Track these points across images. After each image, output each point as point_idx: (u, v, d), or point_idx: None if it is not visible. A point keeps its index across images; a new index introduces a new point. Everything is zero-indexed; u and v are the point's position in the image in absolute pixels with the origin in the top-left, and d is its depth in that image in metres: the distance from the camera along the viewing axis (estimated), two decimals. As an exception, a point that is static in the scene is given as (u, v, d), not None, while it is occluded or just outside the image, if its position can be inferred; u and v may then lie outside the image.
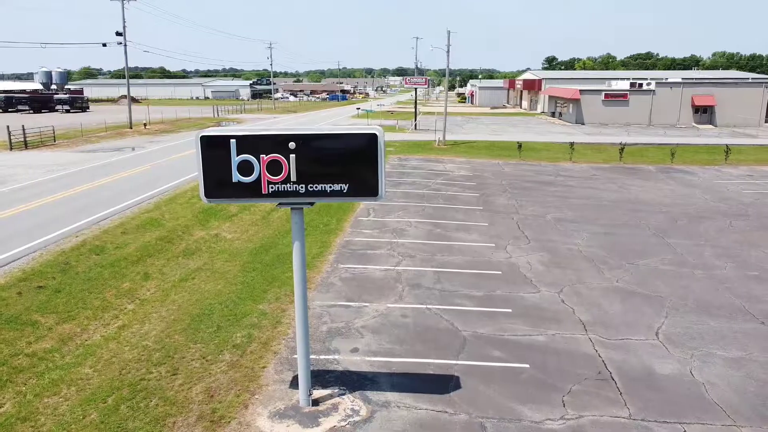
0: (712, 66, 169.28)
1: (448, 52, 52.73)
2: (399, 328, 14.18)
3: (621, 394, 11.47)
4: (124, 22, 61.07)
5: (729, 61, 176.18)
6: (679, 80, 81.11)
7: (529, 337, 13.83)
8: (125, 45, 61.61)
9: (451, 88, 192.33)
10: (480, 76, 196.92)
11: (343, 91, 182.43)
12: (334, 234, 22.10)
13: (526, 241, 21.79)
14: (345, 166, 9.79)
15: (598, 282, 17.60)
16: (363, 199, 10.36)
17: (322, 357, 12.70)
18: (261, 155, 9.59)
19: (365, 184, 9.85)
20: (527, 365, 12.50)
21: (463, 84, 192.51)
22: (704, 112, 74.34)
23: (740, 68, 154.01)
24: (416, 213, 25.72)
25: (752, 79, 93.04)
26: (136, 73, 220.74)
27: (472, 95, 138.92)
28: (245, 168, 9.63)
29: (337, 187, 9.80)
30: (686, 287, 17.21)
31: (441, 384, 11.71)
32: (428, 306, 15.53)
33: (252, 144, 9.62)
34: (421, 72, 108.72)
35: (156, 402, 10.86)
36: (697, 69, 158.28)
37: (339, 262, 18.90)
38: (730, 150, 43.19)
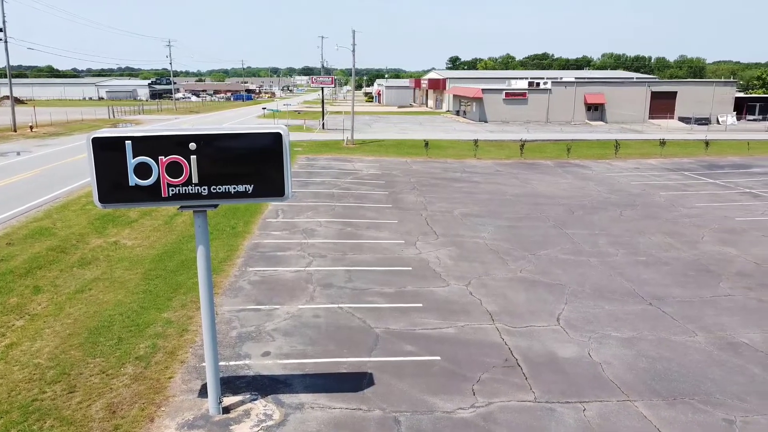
0: (602, 66, 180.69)
1: (353, 51, 52.93)
2: (311, 329, 14.07)
3: (527, 379, 11.98)
4: (4, 16, 56.58)
5: (617, 61, 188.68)
6: (573, 80, 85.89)
7: (439, 330, 14.14)
8: (6, 41, 57.09)
9: (358, 87, 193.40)
10: (386, 76, 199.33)
11: (248, 91, 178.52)
12: (241, 237, 21.58)
13: (435, 236, 22.28)
14: (249, 166, 9.57)
15: (503, 273, 18.29)
16: (269, 199, 10.17)
17: (232, 363, 12.36)
18: (159, 157, 9.18)
19: (271, 185, 9.68)
20: (438, 357, 12.77)
21: (370, 83, 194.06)
22: (596, 110, 79.14)
23: (626, 68, 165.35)
24: (326, 213, 25.63)
25: (637, 78, 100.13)
26: (21, 72, 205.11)
27: (379, 94, 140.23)
28: (143, 171, 9.18)
29: (241, 188, 9.57)
30: (583, 274, 18.25)
31: (355, 382, 11.73)
32: (340, 305, 15.51)
33: (149, 145, 9.19)
34: (327, 71, 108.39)
35: (51, 423, 10.14)
36: (589, 69, 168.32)
37: (248, 266, 18.48)
38: (619, 145, 46.25)
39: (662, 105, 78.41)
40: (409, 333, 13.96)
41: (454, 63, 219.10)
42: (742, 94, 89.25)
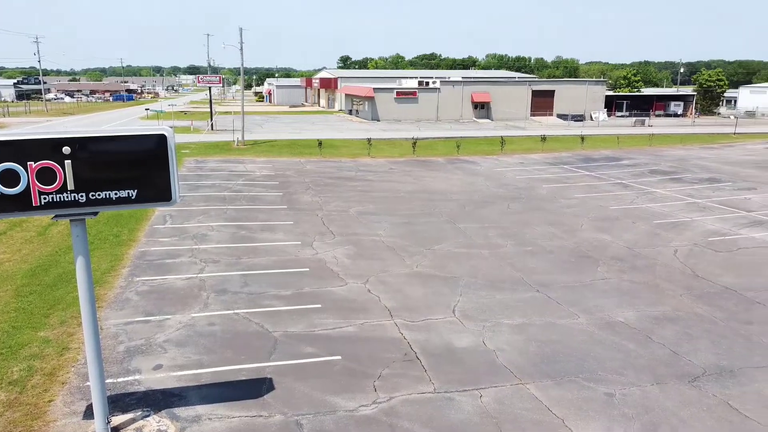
0: (487, 66, 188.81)
1: (241, 49, 51.63)
2: (206, 338, 13.55)
3: (426, 371, 12.26)
4: None
5: (500, 62, 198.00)
6: (460, 79, 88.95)
7: (339, 330, 14.12)
8: None
9: (248, 86, 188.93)
10: (277, 75, 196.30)
11: (129, 91, 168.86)
12: (126, 245, 20.39)
13: (332, 236, 22.24)
14: (132, 170, 9.03)
15: (400, 269, 18.59)
16: (155, 204, 9.65)
17: (120, 379, 11.63)
18: (29, 163, 8.42)
19: (156, 189, 9.18)
20: (339, 357, 12.75)
21: (260, 83, 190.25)
22: (482, 108, 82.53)
23: (509, 68, 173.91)
24: (218, 216, 24.81)
25: (519, 78, 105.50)
26: None
27: (270, 94, 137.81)
28: (9, 178, 8.38)
29: (124, 193, 9.00)
30: (476, 266, 18.96)
31: (254, 388, 11.44)
32: (236, 311, 15.06)
33: (16, 150, 8.41)
34: (215, 70, 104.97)
35: None
36: (475, 69, 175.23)
37: (134, 275, 17.48)
38: (505, 141, 48.54)
39: (542, 103, 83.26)
40: (309, 334, 13.83)
41: (345, 62, 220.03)
42: (611, 93, 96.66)
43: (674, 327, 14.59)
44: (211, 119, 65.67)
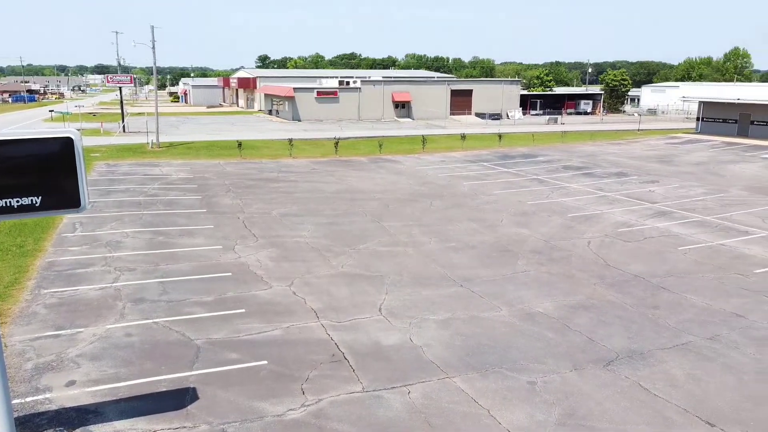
0: (406, 66, 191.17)
1: (153, 47, 49.64)
2: (123, 350, 12.93)
3: (354, 370, 12.24)
4: None
5: (419, 61, 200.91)
6: (381, 79, 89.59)
7: (265, 334, 13.85)
8: None
9: (162, 86, 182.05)
10: (193, 75, 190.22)
11: (31, 92, 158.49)
12: (32, 256, 19.13)
13: (254, 239, 21.80)
14: (35, 176, 8.44)
15: (325, 270, 18.48)
16: (63, 212, 9.08)
17: (29, 399, 10.89)
18: None
19: (63, 195, 8.64)
20: (265, 361, 12.51)
21: (175, 82, 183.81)
22: (403, 107, 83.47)
23: (428, 68, 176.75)
24: (133, 222, 23.75)
25: (438, 77, 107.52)
26: None
27: (185, 94, 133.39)
28: None
29: (27, 201, 8.41)
30: (401, 264, 19.13)
31: (177, 399, 11.02)
32: (155, 320, 14.46)
33: None
34: (125, 69, 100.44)
35: None
36: (394, 68, 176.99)
37: (42, 287, 16.43)
38: (426, 140, 49.30)
39: (461, 102, 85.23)
40: (233, 340, 13.48)
41: (264, 62, 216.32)
42: (525, 92, 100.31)
43: (589, 314, 15.30)
44: (123, 121, 62.78)
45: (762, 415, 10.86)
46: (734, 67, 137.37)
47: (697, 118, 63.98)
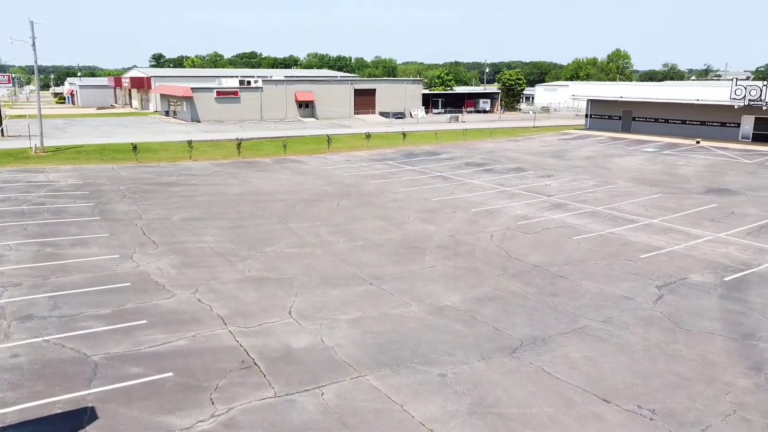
0: (309, 65, 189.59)
1: (33, 45, 46.10)
2: (10, 372, 11.90)
3: (265, 376, 11.97)
4: None
5: (321, 61, 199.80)
6: (283, 78, 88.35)
7: (169, 345, 13.24)
8: None
9: (46, 87, 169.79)
10: (80, 74, 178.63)
11: None
12: None
13: (154, 246, 20.80)
14: None
15: (231, 275, 17.95)
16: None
17: None
18: None
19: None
20: (171, 373, 11.96)
21: (60, 82, 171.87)
22: (307, 107, 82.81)
23: (331, 67, 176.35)
24: (16, 234, 21.95)
25: (341, 77, 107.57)
26: None
27: (72, 95, 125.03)
28: None
29: None
30: (310, 265, 18.94)
31: (74, 421, 10.28)
32: (46, 338, 13.43)
33: None
34: (2, 68, 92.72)
35: None
36: (297, 68, 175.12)
37: None
38: (331, 139, 49.18)
39: (365, 101, 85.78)
40: (134, 354, 12.78)
41: (159, 61, 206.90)
42: (427, 91, 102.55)
43: (494, 305, 15.86)
44: (1, 124, 57.87)
45: (651, 388, 11.70)
46: (617, 67, 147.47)
47: (586, 115, 68.13)
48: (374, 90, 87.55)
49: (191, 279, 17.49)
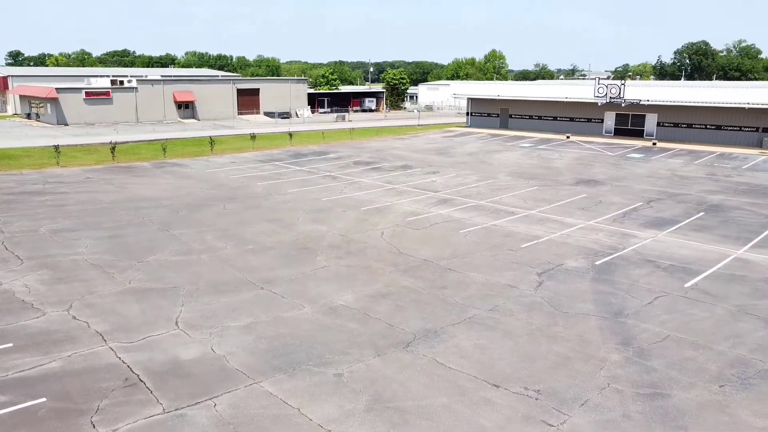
0: (187, 64, 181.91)
1: None
2: None
3: (152, 392, 11.31)
4: None
5: (201, 59, 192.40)
6: (160, 78, 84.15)
7: (41, 368, 12.15)
8: None
9: None
10: None
11: None
12: None
13: (19, 261, 19.01)
14: None
15: (110, 288, 16.81)
16: None
17: None
18: None
19: None
20: (44, 399, 10.97)
21: None
22: (187, 108, 79.45)
23: (211, 67, 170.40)
24: None
25: (222, 76, 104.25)
26: None
27: None
28: None
29: None
30: (196, 272, 18.17)
31: (-74, 463, 9.14)
32: None
33: None
34: None
35: None
36: (174, 67, 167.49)
37: None
38: (214, 141, 47.51)
39: (248, 101, 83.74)
40: (0, 381, 11.59)
41: (16, 58, 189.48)
42: (312, 91, 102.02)
43: (387, 302, 16.07)
44: None
45: (535, 370, 12.39)
46: (493, 67, 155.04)
47: (467, 113, 70.97)
48: (258, 90, 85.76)
49: (64, 295, 16.17)
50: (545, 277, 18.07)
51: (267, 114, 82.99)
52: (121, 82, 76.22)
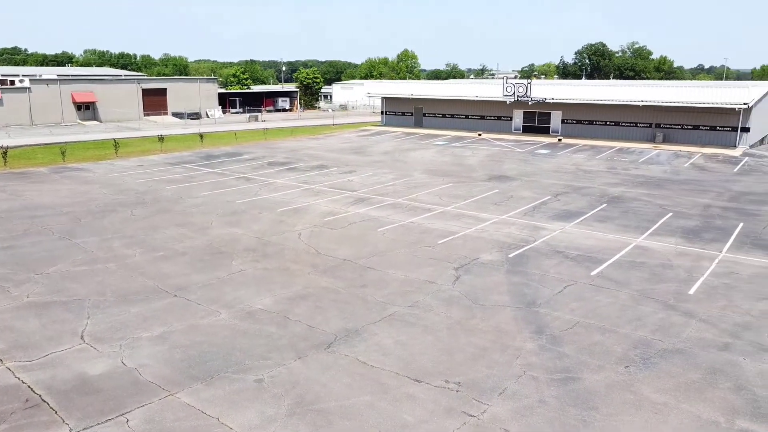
0: (86, 63, 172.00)
1: None
2: None
3: (56, 412, 10.58)
4: None
5: (101, 58, 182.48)
6: (56, 77, 79.12)
7: (-75, 395, 11.05)
8: None
9: None
10: None
11: None
12: None
13: None
14: None
15: (5, 303, 15.58)
16: None
17: None
18: None
19: None
20: (-70, 429, 10.00)
21: None
22: (87, 109, 75.21)
23: (113, 66, 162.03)
24: None
25: (126, 75, 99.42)
26: None
27: None
28: None
29: None
30: (103, 282, 17.19)
31: None
32: None
33: None
34: None
35: None
36: (72, 66, 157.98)
37: None
38: (118, 144, 45.22)
39: (155, 101, 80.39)
40: None
41: None
42: (223, 90, 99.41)
43: (307, 303, 15.87)
44: None
45: (455, 363, 12.64)
46: (406, 66, 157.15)
47: (382, 112, 71.53)
48: (165, 89, 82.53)
49: (-48, 313, 14.83)
50: (462, 271, 18.48)
51: (175, 115, 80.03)
52: (12, 82, 71.03)
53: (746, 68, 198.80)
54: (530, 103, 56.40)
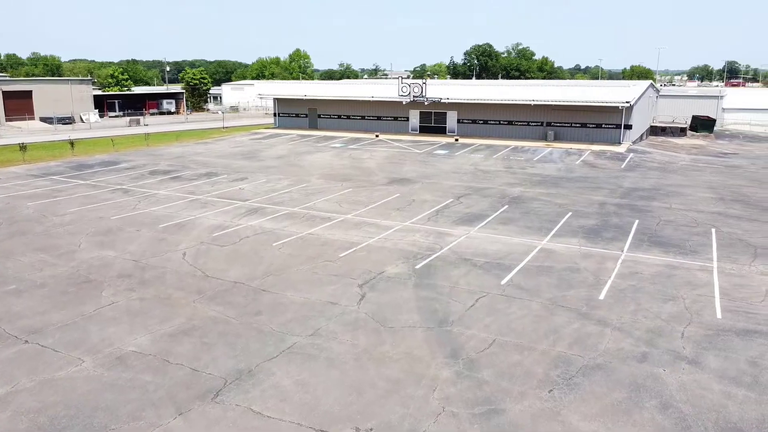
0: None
1: None
2: None
3: None
4: None
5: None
6: None
7: None
8: None
9: None
10: None
11: None
12: None
13: None
14: None
15: None
16: None
17: None
18: None
19: None
20: None
21: None
22: (-63, 115, 66.38)
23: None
24: None
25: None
26: None
27: None
28: None
29: None
30: (-69, 330, 13.99)
31: None
32: None
33: None
34: None
35: None
36: None
37: None
38: (-29, 154, 39.60)
39: (19, 105, 72.37)
40: None
41: None
42: (100, 92, 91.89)
43: (191, 340, 13.68)
44: None
45: (366, 402, 11.06)
46: (299, 66, 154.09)
47: (275, 114, 68.72)
48: (30, 92, 74.64)
49: None
50: (367, 288, 16.97)
51: (44, 120, 72.61)
52: None
53: (617, 68, 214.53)
54: (426, 103, 56.11)
